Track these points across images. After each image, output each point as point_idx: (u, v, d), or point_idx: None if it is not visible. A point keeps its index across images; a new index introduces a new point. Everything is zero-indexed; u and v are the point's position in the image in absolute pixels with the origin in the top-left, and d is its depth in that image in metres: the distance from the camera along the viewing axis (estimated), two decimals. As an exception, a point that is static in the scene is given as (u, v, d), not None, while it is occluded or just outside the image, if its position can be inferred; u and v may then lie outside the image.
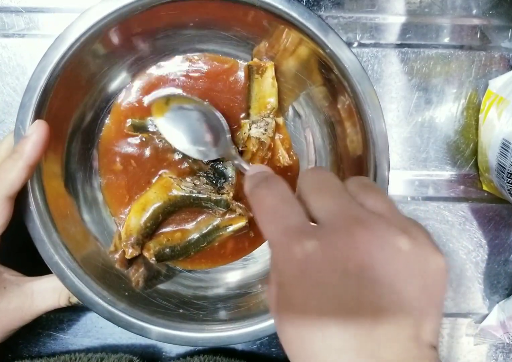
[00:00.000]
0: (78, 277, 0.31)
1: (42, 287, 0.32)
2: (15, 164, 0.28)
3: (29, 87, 0.30)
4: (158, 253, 0.37)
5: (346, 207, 0.20)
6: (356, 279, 0.18)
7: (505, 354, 0.44)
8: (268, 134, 0.38)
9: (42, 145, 0.29)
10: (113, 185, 0.38)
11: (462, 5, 0.41)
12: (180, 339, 0.31)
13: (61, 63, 0.30)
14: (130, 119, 0.38)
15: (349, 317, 0.18)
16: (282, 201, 0.21)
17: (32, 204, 0.30)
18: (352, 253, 0.18)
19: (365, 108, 0.31)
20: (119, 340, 0.42)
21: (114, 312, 0.31)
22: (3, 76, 0.39)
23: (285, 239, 0.20)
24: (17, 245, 0.32)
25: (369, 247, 0.18)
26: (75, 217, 0.36)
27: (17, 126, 0.30)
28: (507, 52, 0.42)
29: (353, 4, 0.41)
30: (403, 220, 0.20)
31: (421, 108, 0.42)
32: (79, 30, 0.30)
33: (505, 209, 0.43)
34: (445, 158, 0.43)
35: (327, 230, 0.19)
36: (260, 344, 0.42)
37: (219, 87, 0.39)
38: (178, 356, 0.42)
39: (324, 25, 0.31)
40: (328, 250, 0.18)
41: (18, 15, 0.39)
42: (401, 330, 0.18)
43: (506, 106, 0.38)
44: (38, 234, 0.30)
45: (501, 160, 0.38)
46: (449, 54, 0.42)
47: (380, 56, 0.41)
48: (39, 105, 0.30)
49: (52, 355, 0.40)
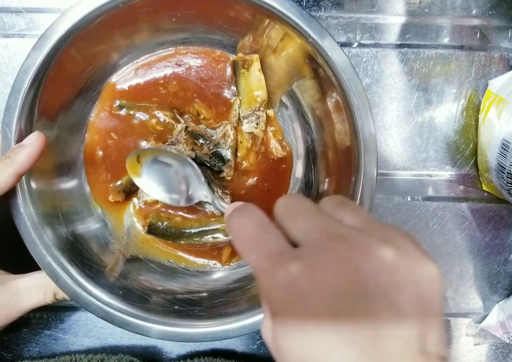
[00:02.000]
0: (71, 278, 0.31)
1: (27, 284, 0.32)
2: (5, 170, 0.28)
3: (13, 89, 0.30)
4: (152, 225, 0.38)
5: (324, 225, 0.20)
6: (348, 297, 0.17)
7: (505, 354, 0.44)
8: (261, 127, 0.38)
9: (35, 157, 0.29)
10: (97, 177, 0.39)
11: (462, 6, 0.41)
12: (176, 336, 0.31)
13: (44, 64, 0.30)
14: (118, 100, 0.38)
15: (350, 337, 0.17)
16: (259, 226, 0.21)
17: (22, 205, 0.30)
18: (338, 270, 0.18)
19: (352, 101, 0.30)
20: (119, 340, 0.42)
21: (109, 311, 0.31)
22: (3, 76, 0.39)
23: (268, 264, 0.19)
24: (1, 244, 0.32)
25: (354, 261, 0.18)
26: (66, 217, 0.35)
27: (3, 128, 0.30)
28: (507, 52, 0.42)
29: (353, 4, 0.41)
30: (384, 231, 0.20)
31: (421, 108, 0.42)
32: (61, 30, 0.30)
33: (505, 209, 0.43)
34: (445, 158, 0.43)
35: (309, 250, 0.19)
36: (260, 344, 0.42)
37: (207, 75, 0.39)
38: (178, 357, 0.42)
39: (305, 15, 0.30)
40: (314, 271, 0.18)
41: (19, 15, 0.39)
42: (406, 344, 0.17)
43: (506, 106, 0.38)
44: (29, 235, 0.30)
45: (500, 160, 0.38)
46: (449, 54, 0.42)
47: (380, 56, 0.41)
48: (24, 107, 0.30)
49: (52, 356, 0.40)
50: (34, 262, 0.31)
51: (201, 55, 0.39)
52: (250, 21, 0.34)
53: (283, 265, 0.19)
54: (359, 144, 0.31)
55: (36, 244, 0.30)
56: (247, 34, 0.36)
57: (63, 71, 0.33)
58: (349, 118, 0.32)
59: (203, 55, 0.39)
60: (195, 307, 0.34)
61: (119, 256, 0.38)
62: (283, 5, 0.30)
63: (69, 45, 0.31)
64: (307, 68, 0.35)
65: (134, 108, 0.39)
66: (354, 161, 0.32)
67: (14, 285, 0.31)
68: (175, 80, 0.39)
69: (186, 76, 0.39)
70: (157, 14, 0.34)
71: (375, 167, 0.31)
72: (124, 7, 0.31)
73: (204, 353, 0.41)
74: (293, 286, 0.18)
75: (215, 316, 0.32)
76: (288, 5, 0.30)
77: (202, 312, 0.34)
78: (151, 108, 0.39)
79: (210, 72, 0.39)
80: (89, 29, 0.31)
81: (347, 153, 0.33)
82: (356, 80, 0.30)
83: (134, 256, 0.39)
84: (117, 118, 0.39)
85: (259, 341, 0.42)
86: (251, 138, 0.39)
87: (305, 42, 0.31)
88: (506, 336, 0.42)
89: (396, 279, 0.18)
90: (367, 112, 0.30)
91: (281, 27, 0.32)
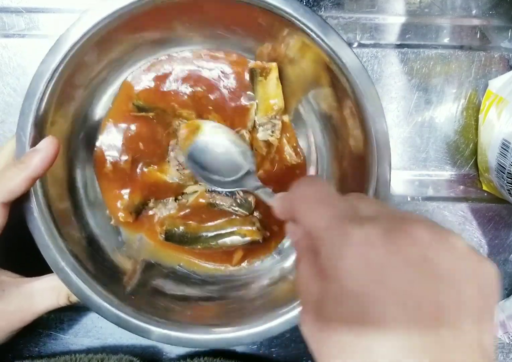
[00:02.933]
0: (84, 283, 0.31)
1: (40, 288, 0.32)
2: (19, 174, 0.28)
3: (28, 93, 0.30)
4: (169, 232, 0.38)
5: (392, 211, 0.20)
6: (419, 271, 0.17)
7: (505, 354, 0.44)
8: (276, 135, 0.38)
9: (49, 162, 0.29)
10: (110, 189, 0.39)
11: (462, 6, 0.41)
12: (187, 342, 0.31)
13: (60, 68, 0.30)
14: (135, 101, 0.38)
15: (414, 315, 0.16)
16: (328, 193, 0.21)
17: (36, 210, 0.30)
18: (413, 242, 0.17)
19: (366, 108, 0.30)
20: (120, 340, 0.42)
21: (121, 316, 0.31)
22: (3, 77, 0.39)
23: (339, 222, 0.18)
24: (13, 247, 0.32)
25: (427, 240, 0.17)
26: (80, 222, 0.36)
27: (18, 133, 0.30)
28: (507, 52, 0.42)
29: (353, 4, 0.41)
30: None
31: (421, 108, 0.42)
32: (77, 33, 0.30)
33: (504, 209, 0.43)
34: (445, 158, 0.43)
35: (381, 223, 0.18)
36: (260, 344, 0.42)
37: (225, 79, 0.39)
38: (178, 357, 0.42)
39: (324, 24, 0.30)
40: (390, 235, 0.17)
41: (19, 15, 0.39)
42: (466, 335, 0.16)
43: (506, 106, 0.38)
44: (43, 240, 0.30)
45: (501, 160, 0.38)
46: (449, 54, 0.42)
47: (380, 57, 0.41)
48: (39, 111, 0.30)
49: (52, 356, 0.40)
50: (47, 265, 0.31)
51: (219, 58, 0.39)
52: (266, 29, 0.34)
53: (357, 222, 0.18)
54: (372, 152, 0.31)
55: (50, 249, 0.30)
56: (266, 41, 0.36)
57: (78, 75, 0.33)
58: (363, 125, 0.31)
59: (221, 59, 0.39)
60: (207, 313, 0.34)
61: (136, 265, 0.38)
62: (303, 15, 0.30)
63: (84, 49, 0.31)
64: (322, 76, 0.34)
65: (153, 110, 0.38)
66: (367, 168, 0.32)
67: (28, 288, 0.32)
68: (191, 82, 0.38)
69: (203, 79, 0.38)
70: (175, 18, 0.34)
71: (388, 174, 0.31)
72: (140, 11, 0.31)
73: (204, 353, 0.41)
74: (367, 245, 0.17)
75: (227, 322, 0.32)
76: (309, 16, 0.30)
77: (214, 318, 0.34)
78: (170, 110, 0.38)
79: (228, 76, 0.38)
80: (105, 32, 0.31)
81: (360, 160, 0.33)
82: (370, 86, 0.30)
83: (146, 262, 0.39)
84: (132, 121, 0.38)
85: (259, 341, 0.42)
86: (266, 146, 0.38)
87: (321, 51, 0.31)
88: (506, 336, 0.42)
89: (463, 267, 0.17)
90: (381, 119, 0.30)
91: (298, 36, 0.32)
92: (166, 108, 0.38)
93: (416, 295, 0.16)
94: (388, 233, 0.17)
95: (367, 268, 0.17)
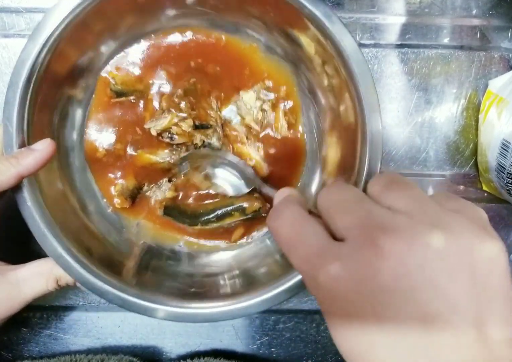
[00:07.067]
0: (84, 268, 0.30)
1: (28, 274, 0.31)
2: (9, 169, 0.28)
3: (11, 82, 0.30)
4: (168, 207, 0.38)
5: (368, 217, 0.19)
6: (393, 293, 0.17)
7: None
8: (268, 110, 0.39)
9: (43, 163, 0.29)
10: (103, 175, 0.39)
11: (462, 6, 0.41)
12: (197, 317, 0.31)
13: (41, 55, 0.30)
14: (112, 86, 0.38)
15: (400, 335, 0.16)
16: (295, 226, 0.20)
17: (29, 199, 0.30)
18: (382, 265, 0.17)
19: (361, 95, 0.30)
20: (120, 340, 0.42)
21: (126, 298, 0.31)
22: (3, 76, 0.39)
23: (309, 267, 0.19)
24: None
25: (399, 254, 0.17)
26: (74, 209, 0.35)
27: (4, 123, 0.30)
28: (507, 52, 0.42)
29: (353, 4, 0.41)
30: (435, 213, 0.18)
31: (421, 108, 0.42)
32: (56, 20, 0.30)
33: (505, 209, 0.43)
34: (445, 158, 0.43)
35: (351, 246, 0.18)
36: (260, 344, 0.42)
37: (212, 58, 0.39)
38: (178, 357, 0.42)
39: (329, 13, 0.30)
40: (354, 269, 0.17)
41: (19, 15, 0.39)
42: (461, 335, 0.16)
43: (506, 106, 0.38)
44: (39, 228, 0.30)
45: (501, 160, 0.38)
46: (449, 54, 0.42)
47: (380, 57, 0.41)
48: (24, 100, 0.30)
49: (52, 356, 0.40)
50: (33, 252, 0.31)
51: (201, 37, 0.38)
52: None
53: (322, 266, 0.18)
54: (364, 138, 0.30)
55: (46, 237, 0.30)
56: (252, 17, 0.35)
57: (60, 61, 0.32)
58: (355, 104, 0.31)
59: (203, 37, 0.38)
60: (212, 289, 0.34)
61: (136, 248, 0.38)
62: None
63: (65, 34, 0.31)
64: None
65: (132, 93, 0.38)
66: (358, 150, 0.31)
67: (14, 275, 0.31)
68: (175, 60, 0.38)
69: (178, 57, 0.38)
70: None
71: (379, 162, 0.30)
72: None
73: (204, 353, 0.41)
74: (334, 288, 0.18)
75: (232, 294, 0.32)
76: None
77: (219, 292, 0.33)
78: (147, 92, 0.38)
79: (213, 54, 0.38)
80: (85, 16, 0.31)
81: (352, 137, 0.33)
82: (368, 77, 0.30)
83: (146, 244, 0.39)
84: (116, 106, 0.38)
85: (259, 341, 0.42)
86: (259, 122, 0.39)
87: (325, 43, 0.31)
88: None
89: (446, 266, 0.17)
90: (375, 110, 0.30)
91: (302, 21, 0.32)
92: (144, 89, 0.38)
93: (396, 316, 0.17)
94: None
95: (336, 306, 0.18)
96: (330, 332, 0.19)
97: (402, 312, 0.16)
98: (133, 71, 0.38)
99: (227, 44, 0.39)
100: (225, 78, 0.39)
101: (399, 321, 0.16)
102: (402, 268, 0.17)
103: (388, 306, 0.17)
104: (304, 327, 0.42)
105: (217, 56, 0.39)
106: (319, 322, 0.42)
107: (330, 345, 0.43)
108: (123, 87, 0.38)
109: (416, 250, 0.17)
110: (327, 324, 0.19)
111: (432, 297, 0.16)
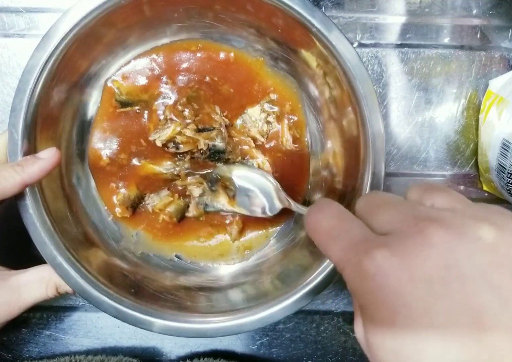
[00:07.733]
0: (82, 277, 0.30)
1: (28, 280, 0.31)
2: (14, 177, 0.28)
3: (19, 89, 0.30)
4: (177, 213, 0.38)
5: (413, 211, 0.18)
6: (443, 282, 0.16)
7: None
8: (273, 122, 0.39)
9: (47, 172, 0.29)
10: (106, 184, 0.39)
11: (462, 5, 0.41)
12: (191, 332, 0.31)
13: (49, 63, 0.30)
14: (117, 96, 0.38)
15: (449, 329, 0.15)
16: (339, 217, 0.20)
17: (31, 207, 0.30)
18: (432, 254, 0.16)
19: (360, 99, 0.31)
20: (119, 340, 0.42)
21: (121, 309, 0.31)
22: (3, 76, 0.39)
23: (352, 254, 0.18)
24: (0, 241, 0.31)
25: (449, 243, 0.17)
26: (76, 218, 0.35)
27: (10, 129, 0.30)
28: (507, 52, 0.42)
29: (353, 4, 0.41)
30: (481, 210, 0.18)
31: (421, 108, 0.42)
32: (64, 28, 0.30)
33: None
34: (445, 158, 0.42)
35: (396, 236, 0.18)
36: (260, 344, 0.42)
37: (218, 72, 0.39)
38: (178, 358, 0.42)
39: (326, 20, 0.30)
40: (403, 257, 0.17)
41: (18, 15, 0.39)
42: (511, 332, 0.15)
43: (506, 106, 0.38)
44: (39, 236, 0.30)
45: (501, 160, 0.38)
46: (449, 54, 0.42)
47: (380, 56, 0.41)
48: (30, 107, 0.30)
49: (52, 357, 0.40)
50: (34, 258, 0.31)
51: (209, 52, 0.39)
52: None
53: (368, 253, 0.17)
54: (367, 142, 0.31)
55: (46, 245, 0.30)
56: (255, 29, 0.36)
57: (67, 69, 0.33)
58: (358, 116, 0.31)
59: (211, 53, 0.39)
60: (208, 303, 0.34)
61: (134, 258, 0.38)
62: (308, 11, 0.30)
63: (73, 43, 0.31)
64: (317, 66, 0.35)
65: (137, 103, 0.38)
66: (362, 159, 0.32)
67: (15, 281, 0.31)
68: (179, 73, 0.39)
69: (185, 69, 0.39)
70: (161, 8, 0.34)
71: (383, 165, 0.31)
72: (126, 3, 0.31)
73: (204, 354, 0.41)
74: (380, 275, 0.17)
75: (227, 311, 0.32)
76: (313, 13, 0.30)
77: (214, 307, 0.33)
78: (152, 102, 0.38)
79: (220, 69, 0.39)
80: (92, 26, 0.31)
81: (355, 149, 0.33)
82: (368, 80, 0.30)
83: (144, 254, 0.39)
84: (121, 117, 0.38)
85: (259, 341, 0.42)
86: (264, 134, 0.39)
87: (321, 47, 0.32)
88: None
89: (496, 259, 0.16)
90: (376, 111, 0.30)
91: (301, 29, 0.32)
92: (149, 99, 0.38)
93: (447, 308, 0.16)
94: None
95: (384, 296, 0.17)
96: (365, 332, 0.18)
97: (455, 305, 0.16)
98: (139, 81, 0.39)
99: (235, 58, 0.39)
100: (235, 98, 0.39)
101: (451, 316, 0.16)
102: (451, 256, 0.16)
103: (437, 298, 0.16)
104: (304, 328, 0.42)
105: (226, 72, 0.39)
106: (319, 323, 0.42)
107: (330, 345, 0.43)
108: (128, 97, 0.38)
109: (466, 241, 0.17)
110: (363, 323, 0.18)
111: (483, 288, 0.16)
